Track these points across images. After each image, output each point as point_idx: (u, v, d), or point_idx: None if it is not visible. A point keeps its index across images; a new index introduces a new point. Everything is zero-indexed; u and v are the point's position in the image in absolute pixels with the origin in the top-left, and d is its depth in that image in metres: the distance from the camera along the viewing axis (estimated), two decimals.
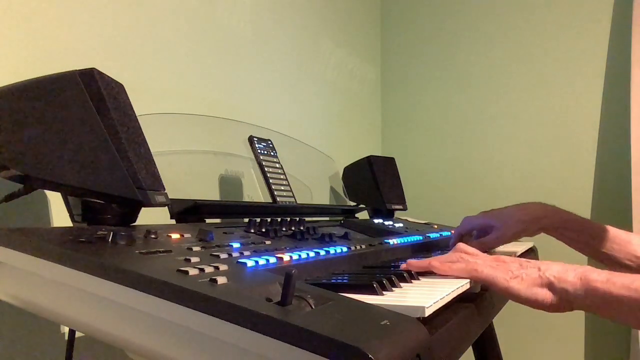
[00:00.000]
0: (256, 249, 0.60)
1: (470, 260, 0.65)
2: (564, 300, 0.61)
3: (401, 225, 1.18)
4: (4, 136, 0.54)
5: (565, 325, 1.77)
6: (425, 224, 1.36)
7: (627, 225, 1.60)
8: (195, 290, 0.37)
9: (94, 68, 0.59)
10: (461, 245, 0.72)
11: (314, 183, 1.28)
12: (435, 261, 0.66)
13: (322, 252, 0.66)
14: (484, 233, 0.95)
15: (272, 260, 0.54)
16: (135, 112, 0.64)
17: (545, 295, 0.61)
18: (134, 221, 0.64)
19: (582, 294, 0.60)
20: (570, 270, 0.61)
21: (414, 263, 0.67)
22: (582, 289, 0.59)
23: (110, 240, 0.49)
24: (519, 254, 0.99)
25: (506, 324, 1.50)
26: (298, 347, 0.32)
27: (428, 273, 0.66)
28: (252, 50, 1.34)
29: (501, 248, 0.97)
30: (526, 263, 0.64)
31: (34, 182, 0.56)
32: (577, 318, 1.76)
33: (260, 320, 0.34)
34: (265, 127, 1.08)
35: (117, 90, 0.62)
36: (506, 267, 0.63)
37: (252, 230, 0.74)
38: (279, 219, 0.80)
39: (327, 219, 1.15)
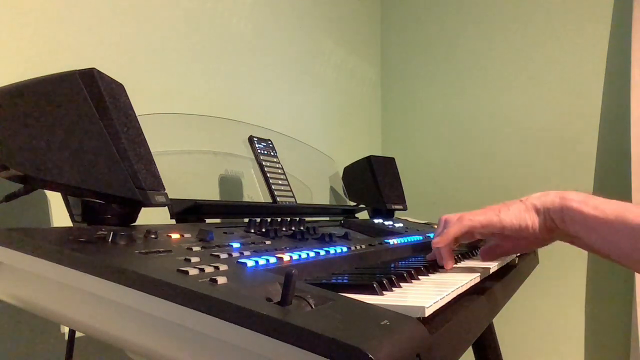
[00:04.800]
0: (256, 249, 0.60)
1: (465, 216, 0.70)
2: (548, 220, 0.66)
3: (401, 225, 1.18)
4: (4, 136, 0.54)
5: (565, 325, 1.77)
6: (425, 224, 1.36)
7: None
8: (196, 290, 0.37)
9: (94, 68, 0.59)
10: (445, 216, 0.75)
11: (314, 183, 1.28)
12: (436, 244, 0.71)
13: (322, 252, 0.66)
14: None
15: (272, 260, 0.54)
16: (135, 112, 0.64)
17: (534, 218, 0.67)
18: (134, 221, 0.64)
19: (559, 211, 0.65)
20: (552, 193, 0.67)
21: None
22: (560, 206, 0.65)
23: (110, 240, 0.49)
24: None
25: (506, 324, 1.50)
26: (298, 347, 0.32)
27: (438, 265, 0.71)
28: (252, 50, 1.34)
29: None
30: (509, 202, 0.70)
31: (34, 182, 0.56)
32: (577, 318, 1.76)
33: (260, 320, 0.34)
34: (265, 127, 1.08)
35: (117, 90, 0.62)
36: (493, 208, 0.70)
37: (252, 230, 0.73)
38: (279, 219, 0.80)
39: (327, 219, 1.15)
